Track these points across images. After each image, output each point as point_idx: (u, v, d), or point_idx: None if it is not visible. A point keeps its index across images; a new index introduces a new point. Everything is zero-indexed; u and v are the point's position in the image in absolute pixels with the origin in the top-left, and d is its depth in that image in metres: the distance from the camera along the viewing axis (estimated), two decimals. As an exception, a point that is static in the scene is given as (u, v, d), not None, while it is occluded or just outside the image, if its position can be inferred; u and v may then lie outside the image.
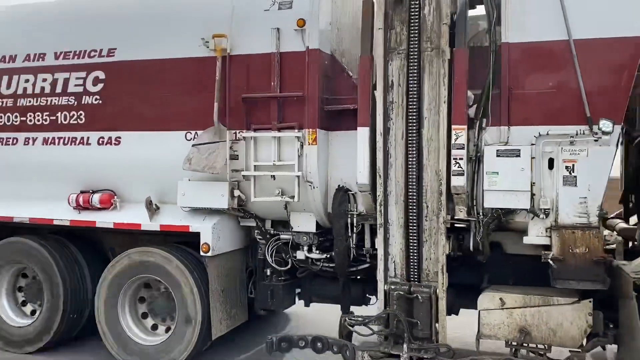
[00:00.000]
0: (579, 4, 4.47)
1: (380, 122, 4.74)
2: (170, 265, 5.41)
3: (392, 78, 4.74)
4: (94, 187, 5.85)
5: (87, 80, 5.78)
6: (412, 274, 4.79)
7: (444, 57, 4.53)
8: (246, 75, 5.16)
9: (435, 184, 4.68)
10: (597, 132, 4.43)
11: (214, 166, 5.09)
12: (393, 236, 4.83)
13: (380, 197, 4.80)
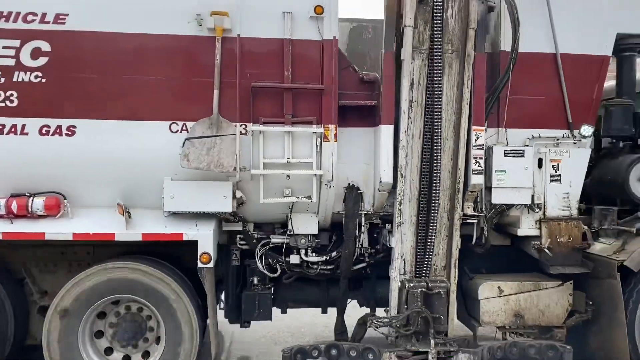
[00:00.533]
0: (564, 23, 5.05)
1: (405, 120, 4.69)
2: (154, 281, 4.55)
3: (412, 76, 4.72)
4: (31, 189, 4.58)
5: (21, 52, 4.45)
6: (424, 270, 4.86)
7: (469, 60, 4.68)
8: (251, 61, 4.57)
9: (448, 181, 4.82)
10: (577, 135, 5.10)
11: (220, 163, 4.42)
12: (405, 234, 4.84)
13: (401, 196, 4.76)
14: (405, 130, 4.68)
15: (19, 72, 4.45)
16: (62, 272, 5.14)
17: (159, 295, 4.56)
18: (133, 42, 4.53)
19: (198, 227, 4.60)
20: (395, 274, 4.84)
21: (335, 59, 4.64)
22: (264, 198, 4.65)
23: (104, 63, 4.52)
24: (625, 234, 5.17)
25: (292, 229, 4.95)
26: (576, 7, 5.06)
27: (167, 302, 4.56)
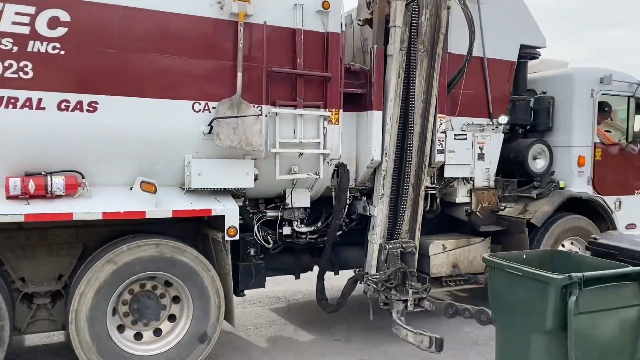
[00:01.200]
0: (489, 32, 6.40)
1: (391, 107, 5.52)
2: (184, 256, 4.69)
3: (398, 70, 5.57)
4: (45, 167, 4.31)
5: (37, 20, 4.14)
6: (395, 234, 5.80)
7: (438, 59, 5.70)
8: (264, 47, 4.91)
9: (415, 159, 5.80)
10: (496, 123, 6.55)
11: (249, 142, 4.74)
12: (382, 204, 5.73)
13: (385, 172, 5.59)
14: (390, 116, 5.51)
15: (35, 41, 4.13)
16: (41, 256, 4.83)
17: (190, 269, 4.69)
18: (157, 19, 4.52)
19: (223, 203, 4.83)
20: (376, 238, 5.68)
21: (342, 50, 5.23)
22: (280, 174, 5.07)
23: (128, 39, 4.43)
24: (526, 199, 6.80)
25: (291, 203, 5.44)
26: (497, 20, 6.40)
27: (198, 276, 4.73)
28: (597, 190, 7.07)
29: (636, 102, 7.28)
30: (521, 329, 3.71)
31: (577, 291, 3.38)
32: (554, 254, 4.36)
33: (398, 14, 5.40)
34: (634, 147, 7.31)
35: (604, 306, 3.55)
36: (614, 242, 4.42)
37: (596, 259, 4.14)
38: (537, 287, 3.55)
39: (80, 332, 4.37)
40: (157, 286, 4.84)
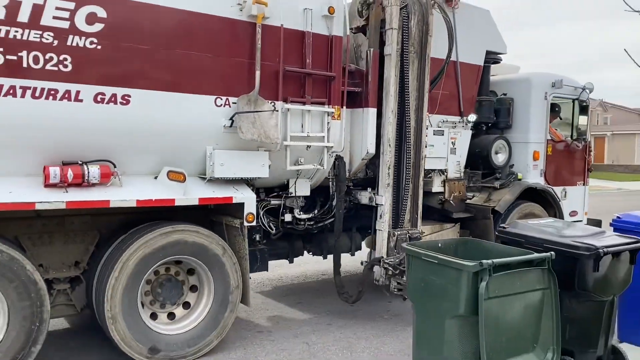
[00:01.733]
0: (461, 38, 7.10)
1: (392, 102, 6.01)
2: (208, 240, 5.03)
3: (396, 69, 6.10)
4: (81, 157, 4.51)
5: (76, 15, 4.32)
6: (399, 223, 6.16)
7: (428, 60, 6.28)
8: (281, 48, 5.31)
9: (412, 152, 6.18)
10: (466, 121, 7.29)
11: (267, 135, 5.13)
12: (388, 193, 6.11)
13: (389, 162, 6.00)
14: (392, 110, 5.99)
15: (74, 36, 4.31)
16: (58, 243, 5.00)
17: (211, 253, 5.04)
18: (184, 18, 4.79)
19: (241, 191, 5.20)
20: (385, 226, 6.02)
21: (341, 52, 5.72)
22: (290, 165, 5.50)
23: (157, 35, 4.68)
24: (489, 189, 7.62)
25: (295, 192, 5.88)
26: (468, 28, 7.10)
27: (218, 258, 5.08)
28: (547, 182, 8.02)
29: (580, 104, 8.29)
30: (436, 314, 3.83)
31: (487, 277, 3.52)
32: (467, 242, 4.62)
33: (394, 17, 5.94)
34: (578, 144, 8.34)
35: (511, 291, 3.70)
36: (521, 231, 4.58)
37: (505, 246, 4.38)
38: (451, 274, 3.68)
39: (115, 314, 4.60)
40: (179, 272, 5.14)
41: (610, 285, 4.30)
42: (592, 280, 4.14)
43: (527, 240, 4.45)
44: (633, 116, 55.23)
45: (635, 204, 17.90)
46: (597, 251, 4.06)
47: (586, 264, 4.09)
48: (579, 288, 4.17)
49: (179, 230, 4.87)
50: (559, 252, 4.07)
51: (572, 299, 4.25)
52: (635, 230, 4.80)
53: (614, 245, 4.22)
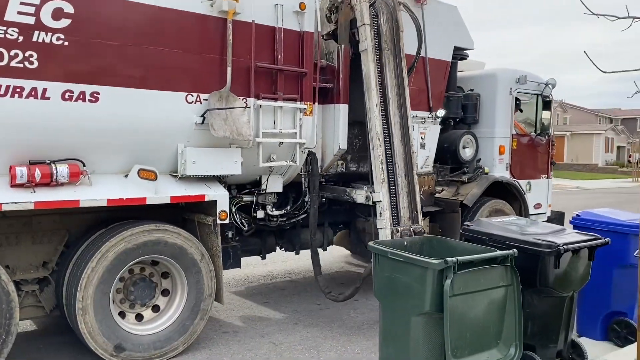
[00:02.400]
0: (429, 34, 7.19)
1: (375, 96, 5.93)
2: (187, 244, 4.99)
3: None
4: (48, 156, 4.41)
5: (41, 10, 4.20)
6: (397, 220, 5.88)
7: (403, 55, 6.30)
8: (252, 44, 5.28)
9: (401, 147, 6.01)
10: (434, 116, 7.41)
11: (240, 132, 5.11)
12: (384, 188, 5.86)
13: (381, 156, 5.85)
14: (375, 104, 5.91)
15: (39, 32, 4.20)
16: (25, 244, 4.89)
17: (189, 257, 5.02)
18: (153, 13, 4.71)
19: (214, 189, 5.17)
20: (387, 222, 5.76)
21: (312, 48, 5.72)
22: (262, 162, 5.49)
23: (126, 31, 4.60)
24: (457, 183, 7.77)
25: (267, 188, 5.88)
26: (436, 24, 7.19)
27: (195, 263, 5.06)
28: (513, 175, 8.23)
29: (543, 99, 8.51)
30: (402, 312, 3.85)
31: (452, 274, 3.56)
32: (433, 240, 4.67)
33: (365, 13, 5.96)
34: (541, 138, 8.57)
35: (475, 288, 3.75)
36: (484, 229, 4.67)
37: (469, 244, 4.44)
38: (416, 272, 3.71)
39: (86, 306, 4.53)
40: (153, 273, 5.09)
41: (570, 281, 4.43)
42: (553, 276, 4.24)
43: (490, 238, 4.53)
44: (591, 117, 57.08)
45: (593, 202, 18.52)
46: (558, 248, 4.16)
47: (547, 260, 4.20)
48: (541, 284, 4.28)
49: (161, 230, 4.83)
50: (522, 249, 4.16)
51: (534, 295, 4.37)
52: (594, 228, 4.98)
53: (573, 243, 4.33)
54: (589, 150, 47.33)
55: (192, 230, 5.38)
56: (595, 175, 38.21)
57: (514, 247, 4.14)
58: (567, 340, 4.62)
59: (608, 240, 4.50)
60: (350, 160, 6.71)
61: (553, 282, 4.27)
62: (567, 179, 33.17)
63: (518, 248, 4.10)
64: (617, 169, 43.09)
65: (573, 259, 4.37)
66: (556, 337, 4.53)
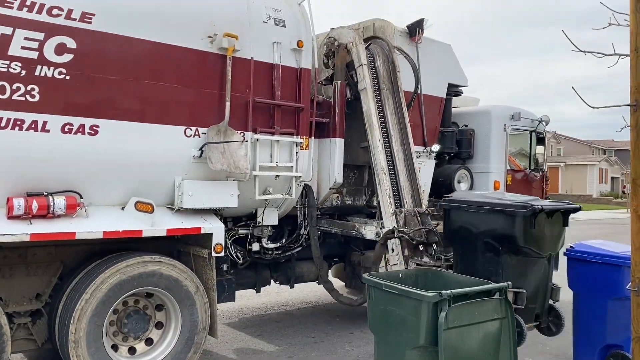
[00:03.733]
0: (424, 72, 7.35)
1: (377, 131, 6.11)
2: (182, 276, 4.98)
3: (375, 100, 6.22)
4: (46, 188, 4.45)
5: (45, 46, 4.31)
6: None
7: (402, 93, 6.45)
8: (251, 80, 5.40)
9: (407, 183, 6.22)
10: (429, 151, 7.51)
11: (237, 165, 5.17)
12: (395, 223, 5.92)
13: (388, 190, 5.96)
14: (379, 139, 6.07)
15: (42, 66, 4.30)
16: (20, 275, 4.87)
17: (184, 289, 4.98)
18: (153, 49, 4.83)
19: (210, 222, 5.19)
20: (400, 259, 5.72)
21: (309, 84, 5.85)
22: (259, 195, 5.53)
23: (127, 66, 4.71)
24: (453, 217, 7.78)
25: (263, 221, 5.91)
26: (431, 62, 7.37)
27: (190, 295, 5.02)
28: (508, 209, 8.26)
29: (537, 135, 8.65)
30: (397, 345, 3.85)
31: (447, 307, 3.56)
32: (428, 272, 4.70)
33: (361, 55, 6.14)
34: (535, 174, 8.66)
35: (470, 320, 3.76)
36: (463, 197, 5.00)
37: (464, 276, 4.48)
38: (411, 305, 3.70)
39: (78, 339, 4.48)
40: (147, 306, 5.06)
41: (546, 242, 4.74)
42: (530, 236, 4.57)
43: (468, 204, 4.87)
44: (585, 148, 57.63)
45: (588, 232, 18.53)
46: (533, 208, 4.50)
47: (524, 220, 4.51)
48: (519, 244, 4.57)
49: (156, 261, 4.82)
50: (500, 212, 4.56)
51: (512, 257, 4.61)
52: (589, 260, 5.00)
53: (547, 205, 4.70)
54: (583, 181, 47.59)
55: (187, 262, 5.37)
56: (590, 206, 38.31)
57: (492, 210, 4.51)
58: (545, 304, 4.89)
59: (579, 206, 5.05)
60: (346, 194, 6.77)
61: (530, 241, 4.59)
62: (563, 211, 33.08)
63: (496, 211, 4.46)
64: (612, 200, 43.26)
65: (548, 222, 4.68)
66: (534, 298, 4.77)
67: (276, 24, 5.66)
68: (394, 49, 6.57)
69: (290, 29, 5.75)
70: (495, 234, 4.66)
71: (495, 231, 4.66)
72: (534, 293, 4.73)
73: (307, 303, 8.33)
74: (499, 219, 4.46)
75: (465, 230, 5.02)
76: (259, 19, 5.53)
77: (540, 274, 4.82)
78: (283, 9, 5.75)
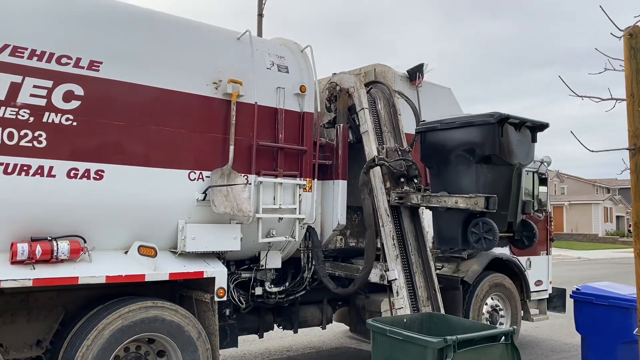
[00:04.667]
0: (425, 113, 7.44)
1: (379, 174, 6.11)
2: (185, 321, 4.93)
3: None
4: (50, 232, 4.46)
5: (53, 93, 4.41)
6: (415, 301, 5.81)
7: (404, 137, 6.52)
8: (255, 124, 5.48)
9: (411, 226, 6.14)
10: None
11: (240, 208, 5.19)
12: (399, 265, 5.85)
13: (392, 233, 5.91)
14: (381, 180, 6.06)
15: (50, 113, 4.38)
16: (21, 321, 4.83)
17: (186, 335, 4.92)
18: (159, 95, 4.94)
19: (212, 265, 5.17)
20: (406, 302, 5.64)
21: (312, 127, 5.92)
22: (262, 238, 5.53)
23: (133, 112, 4.80)
24: (457, 259, 7.74)
25: (265, 265, 5.88)
26: (431, 104, 7.44)
27: (192, 341, 4.95)
28: (512, 252, 8.21)
29: (539, 176, 8.66)
30: None
31: (452, 353, 3.56)
32: (433, 317, 4.63)
33: (362, 99, 6.25)
34: (539, 215, 8.63)
35: None
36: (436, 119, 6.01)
37: (470, 321, 4.58)
38: (416, 350, 3.70)
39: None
40: (149, 352, 4.99)
41: (515, 152, 5.25)
42: (500, 144, 5.10)
43: (441, 123, 5.68)
44: (588, 186, 57.57)
45: (595, 273, 18.33)
46: (501, 115, 5.11)
47: (493, 128, 5.06)
48: (490, 152, 5.10)
49: (158, 307, 4.79)
50: (470, 124, 5.23)
51: (484, 166, 5.12)
52: (596, 302, 4.95)
53: (515, 115, 5.23)
54: (588, 219, 47.30)
55: (189, 307, 5.32)
56: (596, 246, 37.98)
57: (463, 124, 5.18)
58: (517, 215, 5.41)
59: (547, 123, 5.48)
60: (350, 236, 6.75)
61: (500, 149, 5.11)
62: (568, 249, 32.95)
63: (467, 124, 5.10)
64: (618, 239, 42.85)
65: (517, 134, 5.14)
66: (507, 204, 5.20)
67: (279, 70, 5.78)
68: (395, 93, 6.69)
69: (293, 74, 5.87)
70: (467, 146, 5.27)
71: (467, 144, 5.26)
72: (504, 200, 5.10)
73: (311, 348, 8.19)
74: (470, 131, 5.06)
75: (440, 147, 5.73)
76: (262, 65, 5.66)
77: (512, 181, 5.36)
78: (286, 56, 5.89)
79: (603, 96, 3.23)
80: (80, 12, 4.60)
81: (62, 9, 4.53)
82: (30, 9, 4.36)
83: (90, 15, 4.65)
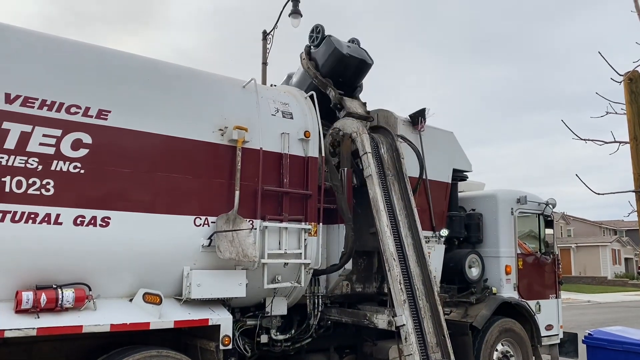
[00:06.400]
0: (428, 159, 7.50)
1: (384, 216, 6.06)
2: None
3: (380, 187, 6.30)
4: (55, 280, 4.44)
5: (62, 141, 4.48)
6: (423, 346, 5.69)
7: (407, 180, 6.54)
8: (260, 169, 5.53)
9: (418, 269, 6.06)
10: (438, 235, 7.48)
11: (245, 254, 5.16)
12: (407, 310, 5.72)
13: (398, 277, 5.79)
14: (386, 224, 6.07)
15: (58, 161, 4.44)
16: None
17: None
18: (166, 142, 5.00)
19: (217, 313, 5.11)
20: (415, 348, 5.51)
21: (317, 171, 5.96)
22: (267, 284, 5.48)
23: (140, 159, 4.85)
24: (466, 303, 7.63)
25: (271, 311, 5.80)
26: (434, 148, 7.50)
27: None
28: (521, 295, 8.10)
29: (545, 218, 8.63)
30: None
31: None
32: None
33: (365, 143, 6.31)
34: (547, 257, 8.56)
35: None
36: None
37: None
38: None
39: None
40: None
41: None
42: None
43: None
44: (595, 228, 57.07)
45: (605, 317, 17.96)
46: None
47: None
48: None
49: (163, 356, 4.71)
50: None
51: None
52: (609, 348, 4.84)
53: None
54: (596, 262, 46.65)
55: (194, 355, 5.22)
56: (606, 289, 37.36)
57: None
58: None
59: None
60: (356, 281, 6.69)
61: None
62: (578, 293, 32.42)
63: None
64: (628, 282, 42.18)
65: None
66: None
67: (284, 116, 5.88)
68: (398, 137, 6.77)
69: (297, 120, 5.96)
70: None
71: None
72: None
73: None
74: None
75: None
76: (267, 112, 5.76)
77: None
78: (290, 102, 6.00)
79: (606, 139, 3.26)
80: (90, 62, 4.72)
81: (73, 59, 4.65)
82: (41, 60, 4.48)
83: (100, 65, 4.77)
